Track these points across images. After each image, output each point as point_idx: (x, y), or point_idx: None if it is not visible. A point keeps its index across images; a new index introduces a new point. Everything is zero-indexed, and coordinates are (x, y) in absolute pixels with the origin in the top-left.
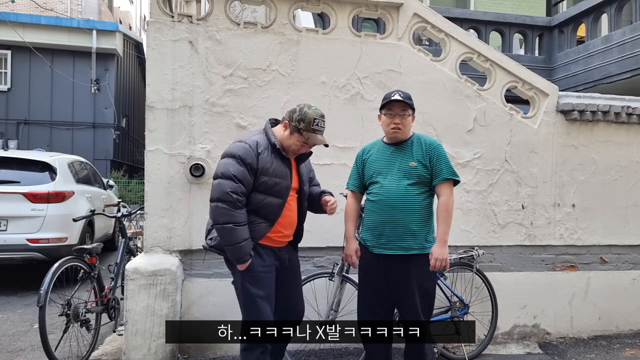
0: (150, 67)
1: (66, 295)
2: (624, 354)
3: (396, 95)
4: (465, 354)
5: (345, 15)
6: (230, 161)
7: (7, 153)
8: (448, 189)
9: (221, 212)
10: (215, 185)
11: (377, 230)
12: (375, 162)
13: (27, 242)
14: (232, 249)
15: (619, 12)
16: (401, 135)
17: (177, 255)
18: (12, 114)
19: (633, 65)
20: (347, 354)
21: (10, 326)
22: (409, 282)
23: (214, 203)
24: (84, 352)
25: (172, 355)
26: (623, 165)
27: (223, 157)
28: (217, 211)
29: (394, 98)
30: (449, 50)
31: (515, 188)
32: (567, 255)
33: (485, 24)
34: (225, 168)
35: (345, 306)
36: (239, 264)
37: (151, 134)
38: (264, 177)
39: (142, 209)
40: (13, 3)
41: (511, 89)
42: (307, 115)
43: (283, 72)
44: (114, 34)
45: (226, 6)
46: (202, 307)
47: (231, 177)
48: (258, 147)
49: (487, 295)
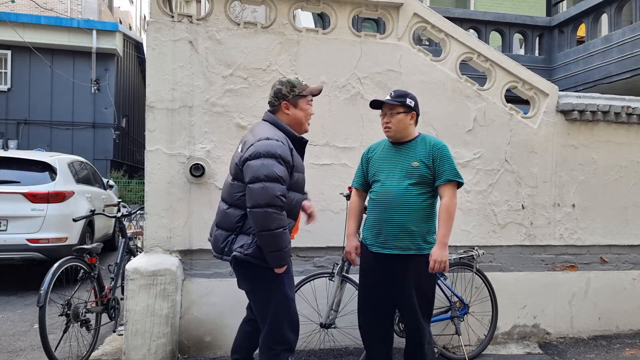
0: (150, 67)
1: (66, 295)
2: (624, 354)
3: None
4: (465, 354)
5: (345, 15)
6: (272, 162)
7: (7, 153)
8: (450, 190)
9: (273, 218)
10: (259, 189)
11: (376, 228)
12: (378, 161)
13: (27, 242)
14: (279, 254)
15: (619, 12)
16: (392, 134)
17: (177, 255)
18: (12, 114)
19: (633, 65)
20: (347, 354)
21: (10, 326)
22: (407, 283)
23: (261, 209)
24: (84, 352)
25: (172, 355)
26: (623, 165)
27: (258, 158)
28: (268, 217)
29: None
30: (449, 50)
31: (515, 188)
32: (567, 255)
33: (485, 24)
34: (269, 170)
35: (345, 306)
36: (279, 268)
37: (151, 134)
38: (296, 174)
39: (142, 209)
40: (13, 3)
41: (511, 89)
42: (291, 80)
43: (283, 72)
44: (114, 34)
45: (226, 6)
46: (202, 307)
47: (278, 179)
48: (288, 143)
49: (487, 295)
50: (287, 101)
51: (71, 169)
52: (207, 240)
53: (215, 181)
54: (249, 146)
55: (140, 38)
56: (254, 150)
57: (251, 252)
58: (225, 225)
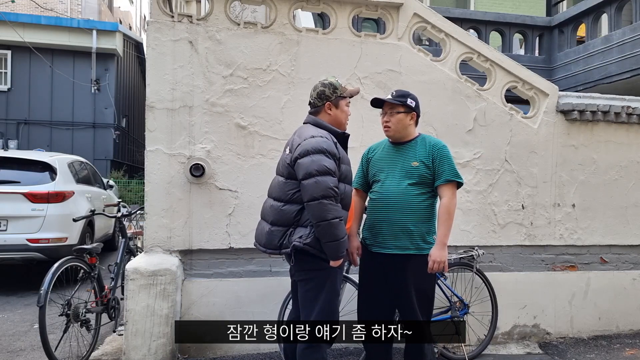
0: (150, 67)
1: (66, 295)
2: (624, 354)
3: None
4: (465, 354)
5: (345, 15)
6: (321, 157)
7: (7, 153)
8: (450, 190)
9: (328, 209)
10: (312, 183)
11: (376, 228)
12: (379, 161)
13: (27, 242)
14: (337, 245)
15: (619, 12)
16: (392, 133)
17: (177, 255)
18: (12, 114)
19: (633, 65)
20: (347, 354)
21: (10, 326)
22: (406, 283)
23: (317, 201)
24: (84, 352)
25: (172, 355)
26: (623, 165)
27: (307, 155)
28: (324, 208)
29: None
30: (449, 50)
31: (515, 188)
32: (567, 255)
33: (485, 24)
34: (319, 165)
35: (345, 306)
36: (336, 260)
37: (151, 134)
38: (343, 166)
39: (142, 209)
40: (13, 3)
41: (511, 89)
42: (333, 82)
43: (283, 72)
44: (114, 34)
45: (226, 6)
46: (202, 307)
47: (329, 172)
48: (332, 138)
49: (487, 295)
50: (330, 102)
51: (71, 169)
52: (207, 240)
53: (215, 181)
54: (297, 146)
55: (140, 38)
56: (302, 148)
57: (309, 241)
58: (283, 221)
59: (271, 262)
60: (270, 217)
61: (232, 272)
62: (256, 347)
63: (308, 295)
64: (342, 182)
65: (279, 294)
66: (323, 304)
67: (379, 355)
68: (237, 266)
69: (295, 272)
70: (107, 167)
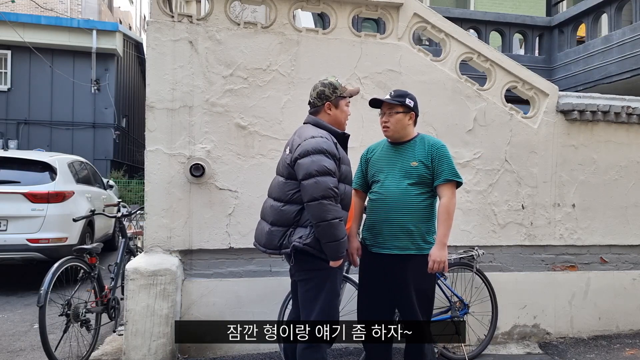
0: (150, 67)
1: (66, 295)
2: (624, 354)
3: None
4: (465, 354)
5: (345, 15)
6: (321, 157)
7: (7, 153)
8: (449, 190)
9: (328, 209)
10: (312, 184)
11: (375, 229)
12: (378, 161)
13: (27, 242)
14: (337, 245)
15: (619, 12)
16: (390, 133)
17: (177, 255)
18: (12, 114)
19: (633, 65)
20: (347, 354)
21: (10, 326)
22: (406, 283)
23: (317, 201)
24: (84, 352)
25: (172, 355)
26: (623, 165)
27: (307, 156)
28: (324, 208)
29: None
30: (449, 50)
31: (515, 188)
32: (567, 255)
33: (485, 24)
34: (319, 165)
35: (345, 306)
36: (336, 260)
37: (151, 134)
38: (343, 166)
39: (142, 209)
40: (13, 3)
41: (511, 89)
42: (332, 82)
43: (283, 72)
44: (114, 34)
45: (226, 6)
46: (202, 307)
47: (329, 172)
48: (332, 138)
49: (487, 295)
50: (330, 102)
51: (71, 169)
52: (207, 240)
53: (215, 181)
54: (297, 146)
55: (140, 38)
56: (302, 149)
57: (309, 241)
58: (282, 221)
59: (271, 262)
60: (270, 217)
61: (232, 272)
62: (256, 347)
63: (308, 295)
64: (342, 183)
65: (279, 294)
66: (323, 304)
67: (379, 355)
68: (237, 266)
69: (295, 272)
70: (107, 167)
